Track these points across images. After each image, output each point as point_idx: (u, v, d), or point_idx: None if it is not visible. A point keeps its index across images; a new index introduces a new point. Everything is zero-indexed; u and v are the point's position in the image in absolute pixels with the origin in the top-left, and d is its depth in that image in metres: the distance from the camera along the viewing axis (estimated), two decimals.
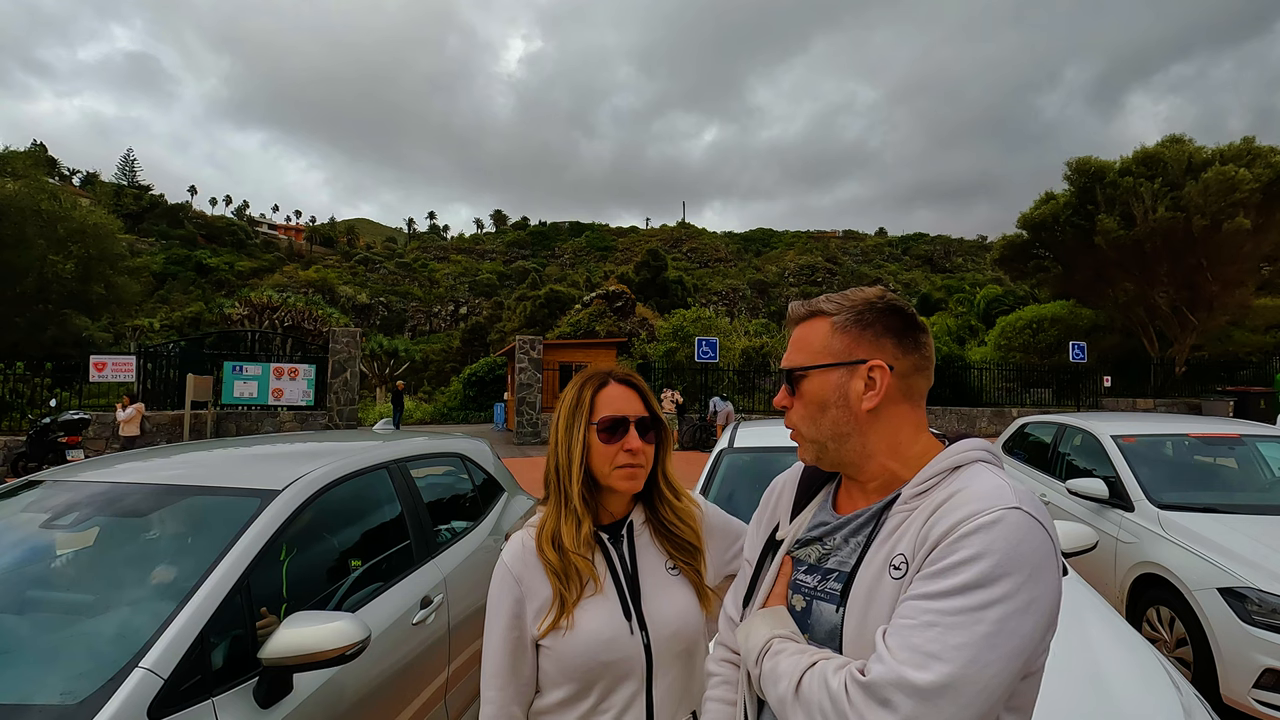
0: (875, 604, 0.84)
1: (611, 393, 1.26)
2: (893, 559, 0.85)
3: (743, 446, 3.64)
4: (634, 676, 1.17)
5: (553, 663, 1.18)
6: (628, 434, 1.22)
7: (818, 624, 0.92)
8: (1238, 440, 4.65)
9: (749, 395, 21.00)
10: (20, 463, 10.60)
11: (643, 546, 1.27)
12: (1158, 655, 2.23)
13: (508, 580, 1.23)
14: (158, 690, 1.53)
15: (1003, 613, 0.73)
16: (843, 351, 0.95)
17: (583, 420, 1.24)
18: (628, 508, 1.30)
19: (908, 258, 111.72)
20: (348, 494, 2.52)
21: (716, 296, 78.77)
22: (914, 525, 0.85)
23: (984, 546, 0.76)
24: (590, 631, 1.16)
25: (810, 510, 1.05)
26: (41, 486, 2.36)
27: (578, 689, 1.17)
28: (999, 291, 45.34)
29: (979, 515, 0.78)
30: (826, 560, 0.96)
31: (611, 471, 1.22)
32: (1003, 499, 0.80)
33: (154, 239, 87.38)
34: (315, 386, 15.74)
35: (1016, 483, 0.85)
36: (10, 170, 25.31)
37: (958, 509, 0.81)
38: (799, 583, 0.97)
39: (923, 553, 0.81)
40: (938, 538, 0.80)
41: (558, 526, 1.22)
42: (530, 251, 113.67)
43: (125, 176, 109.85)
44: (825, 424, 0.95)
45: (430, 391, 40.21)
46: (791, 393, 0.99)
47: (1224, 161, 21.18)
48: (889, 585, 0.84)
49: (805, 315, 1.02)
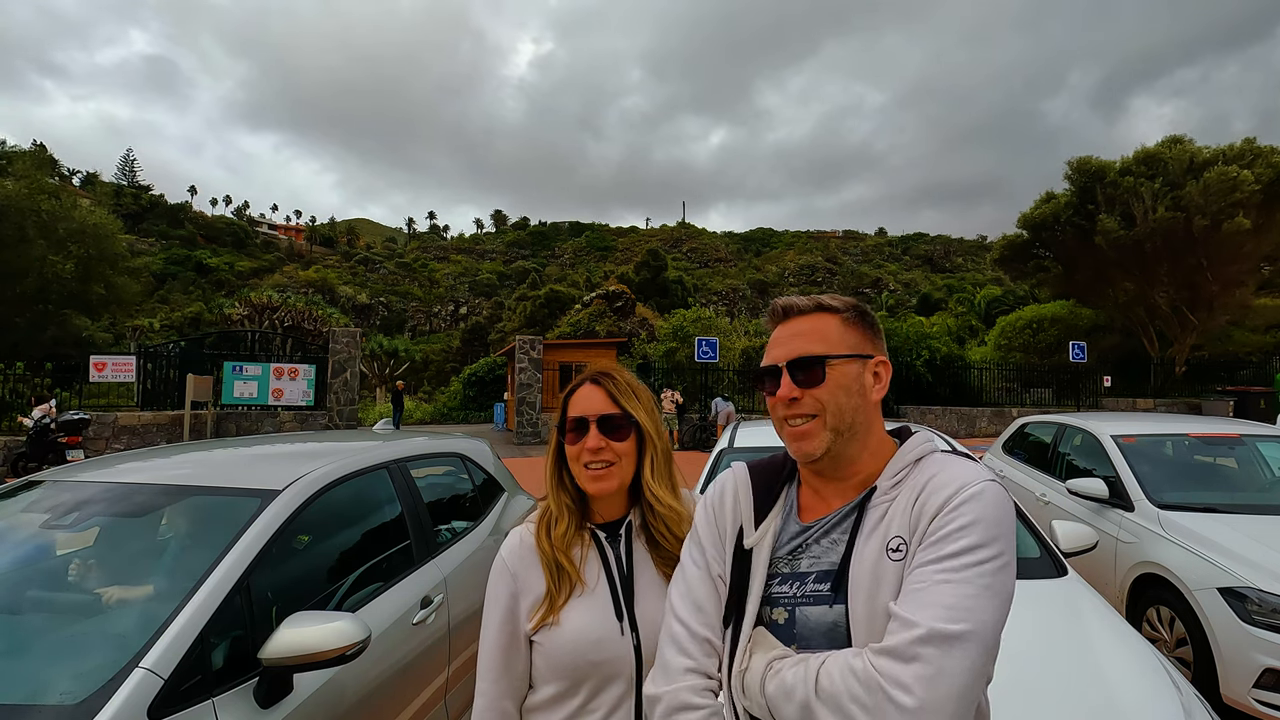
0: (882, 587, 0.87)
1: (580, 393, 1.27)
2: (889, 542, 0.89)
3: (743, 446, 3.65)
4: (622, 677, 1.17)
5: (543, 659, 1.19)
6: (588, 433, 1.23)
7: (806, 629, 0.91)
8: (1238, 440, 4.65)
9: (749, 395, 20.98)
10: (20, 463, 10.60)
11: (639, 548, 1.27)
12: (1158, 655, 2.23)
13: (504, 575, 1.24)
14: (158, 690, 1.52)
15: (996, 568, 0.83)
16: (857, 345, 1.00)
17: (557, 422, 1.29)
18: (624, 507, 1.29)
19: (908, 257, 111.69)
20: (348, 494, 2.52)
21: (716, 296, 78.75)
22: (899, 510, 0.91)
23: (978, 514, 0.85)
24: (578, 630, 1.17)
25: (774, 518, 1.02)
26: (41, 486, 2.36)
27: (566, 687, 1.17)
28: (999, 292, 45.39)
29: (966, 488, 0.87)
30: (798, 564, 0.96)
31: (580, 471, 1.23)
32: (979, 474, 0.90)
33: (154, 239, 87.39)
34: (315, 386, 15.72)
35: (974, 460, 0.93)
36: (11, 170, 25.31)
37: (944, 486, 0.89)
38: (775, 596, 0.95)
39: (921, 526, 0.87)
40: (934, 511, 0.87)
41: (550, 522, 1.26)
42: (530, 251, 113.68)
43: (125, 176, 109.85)
44: (849, 412, 0.96)
45: (430, 391, 40.22)
46: (797, 383, 0.97)
47: (1225, 161, 21.16)
48: (890, 567, 0.87)
49: (811, 308, 1.02)
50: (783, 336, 1.02)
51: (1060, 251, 25.16)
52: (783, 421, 1.00)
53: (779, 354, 1.01)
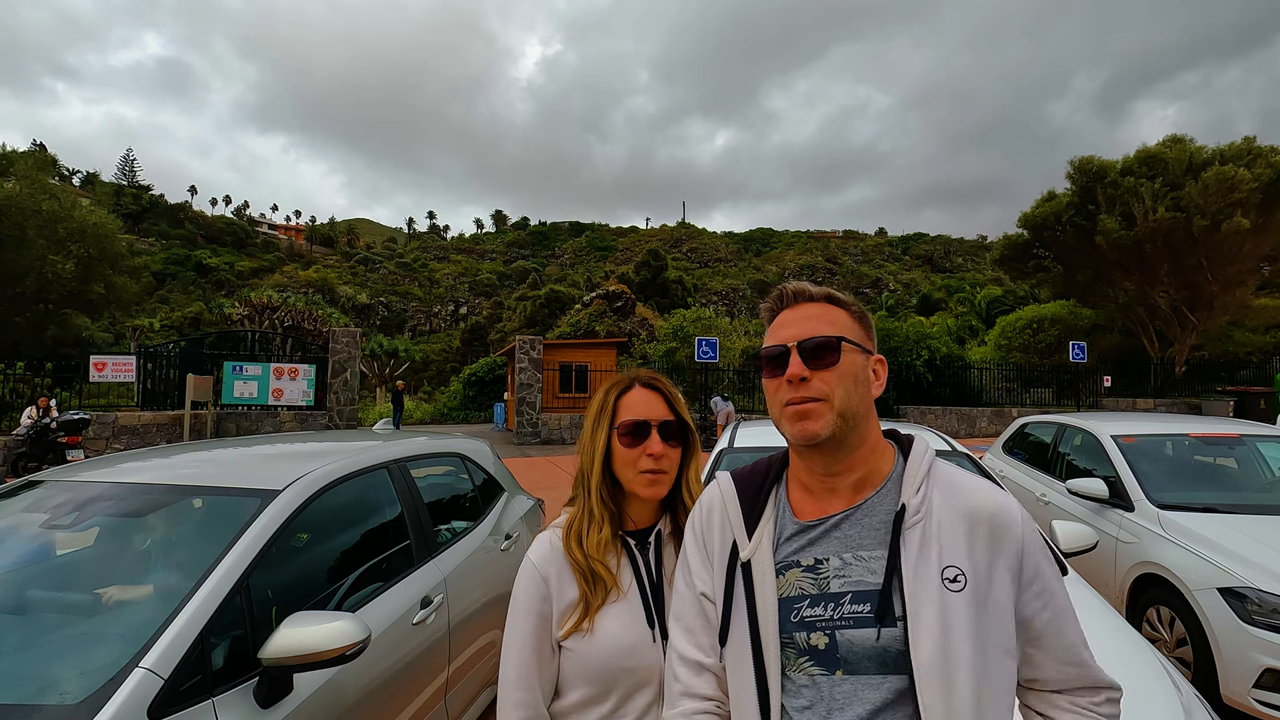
0: (953, 622, 0.85)
1: (635, 397, 1.24)
2: (944, 572, 0.88)
3: (743, 446, 3.65)
4: (652, 685, 1.16)
5: (573, 665, 1.17)
6: (649, 438, 1.20)
7: (851, 653, 0.88)
8: (1238, 440, 4.64)
9: (749, 395, 20.98)
10: (20, 463, 10.60)
11: (670, 555, 1.25)
12: (1158, 655, 2.23)
13: (535, 580, 1.20)
14: (158, 690, 1.52)
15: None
16: (862, 338, 0.99)
17: (605, 424, 1.23)
18: (655, 515, 1.28)
19: (908, 258, 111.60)
20: (348, 494, 2.52)
21: (716, 296, 78.69)
22: (948, 534, 0.91)
23: (1042, 548, 0.94)
24: (613, 637, 1.15)
25: (767, 524, 0.99)
26: (41, 486, 2.35)
27: (596, 693, 1.16)
28: (999, 291, 45.38)
29: (1016, 519, 0.93)
30: (827, 585, 0.92)
31: (635, 477, 1.20)
32: (1010, 498, 0.96)
33: (154, 239, 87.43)
34: (315, 386, 15.72)
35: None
36: (11, 170, 25.31)
37: (993, 516, 0.92)
38: (809, 620, 0.91)
39: (999, 565, 0.90)
40: (1010, 552, 0.91)
41: (582, 528, 1.22)
42: (530, 251, 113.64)
43: (125, 176, 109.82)
44: (856, 397, 0.95)
45: (430, 391, 40.22)
46: (808, 364, 0.95)
47: (1224, 161, 21.15)
48: (954, 599, 0.86)
49: (822, 297, 1.02)
50: (791, 319, 0.99)
51: (1061, 251, 25.15)
52: (784, 406, 0.95)
53: (788, 334, 0.97)
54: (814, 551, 0.94)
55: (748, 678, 0.93)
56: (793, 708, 0.89)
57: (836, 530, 0.94)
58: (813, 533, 0.95)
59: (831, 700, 0.87)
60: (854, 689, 0.87)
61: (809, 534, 0.95)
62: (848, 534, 0.94)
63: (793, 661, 0.91)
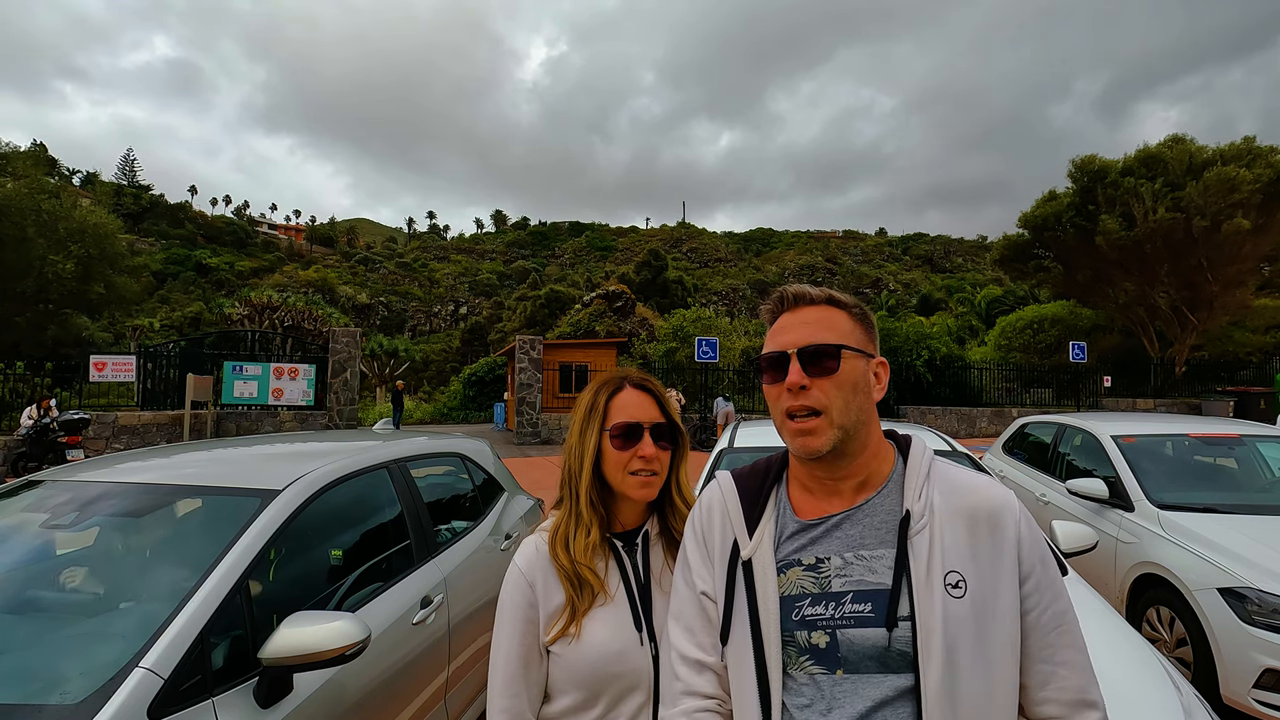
0: (958, 626, 0.86)
1: (626, 398, 1.23)
2: (946, 577, 0.87)
3: (743, 446, 3.65)
4: (641, 688, 1.15)
5: (561, 670, 1.16)
6: (641, 440, 1.19)
7: (852, 652, 0.88)
8: (1238, 440, 4.64)
9: (749, 395, 20.98)
10: (20, 463, 10.60)
11: (657, 557, 1.24)
12: (1158, 655, 2.23)
13: (521, 585, 1.19)
14: (158, 690, 1.52)
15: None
16: (863, 342, 0.98)
17: (596, 425, 1.22)
18: (643, 516, 1.27)
19: (908, 258, 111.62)
20: (348, 494, 2.52)
21: (716, 296, 78.71)
22: (950, 537, 0.90)
23: (1042, 545, 0.94)
24: (600, 641, 1.14)
25: (768, 522, 0.99)
26: (41, 486, 2.35)
27: (585, 698, 1.15)
28: (999, 291, 45.39)
29: (1014, 514, 0.92)
30: (829, 584, 0.92)
31: (625, 479, 1.19)
32: (1008, 493, 0.96)
33: (154, 239, 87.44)
34: (315, 386, 15.71)
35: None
36: (11, 170, 25.31)
37: (992, 513, 0.92)
38: (810, 619, 0.91)
39: (1002, 564, 0.89)
40: (1009, 549, 0.90)
41: (569, 533, 1.20)
42: (530, 251, 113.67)
43: (125, 176, 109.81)
44: (855, 407, 0.94)
45: (430, 391, 40.23)
46: (808, 372, 0.94)
47: (1224, 162, 21.15)
48: (956, 605, 0.86)
49: (823, 300, 1.00)
50: (791, 324, 0.99)
51: (1061, 251, 25.15)
52: (785, 415, 0.95)
53: (788, 340, 0.97)
54: (815, 550, 0.94)
55: (749, 676, 0.92)
56: (793, 706, 0.90)
57: (838, 529, 0.94)
58: (814, 532, 0.95)
59: (831, 699, 0.87)
60: (854, 687, 0.87)
61: (810, 533, 0.96)
62: (849, 533, 0.94)
63: (794, 660, 0.91)
